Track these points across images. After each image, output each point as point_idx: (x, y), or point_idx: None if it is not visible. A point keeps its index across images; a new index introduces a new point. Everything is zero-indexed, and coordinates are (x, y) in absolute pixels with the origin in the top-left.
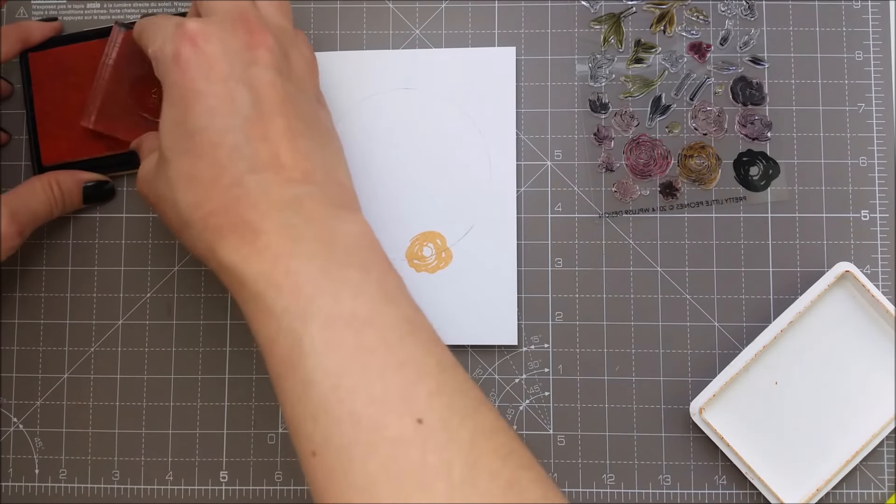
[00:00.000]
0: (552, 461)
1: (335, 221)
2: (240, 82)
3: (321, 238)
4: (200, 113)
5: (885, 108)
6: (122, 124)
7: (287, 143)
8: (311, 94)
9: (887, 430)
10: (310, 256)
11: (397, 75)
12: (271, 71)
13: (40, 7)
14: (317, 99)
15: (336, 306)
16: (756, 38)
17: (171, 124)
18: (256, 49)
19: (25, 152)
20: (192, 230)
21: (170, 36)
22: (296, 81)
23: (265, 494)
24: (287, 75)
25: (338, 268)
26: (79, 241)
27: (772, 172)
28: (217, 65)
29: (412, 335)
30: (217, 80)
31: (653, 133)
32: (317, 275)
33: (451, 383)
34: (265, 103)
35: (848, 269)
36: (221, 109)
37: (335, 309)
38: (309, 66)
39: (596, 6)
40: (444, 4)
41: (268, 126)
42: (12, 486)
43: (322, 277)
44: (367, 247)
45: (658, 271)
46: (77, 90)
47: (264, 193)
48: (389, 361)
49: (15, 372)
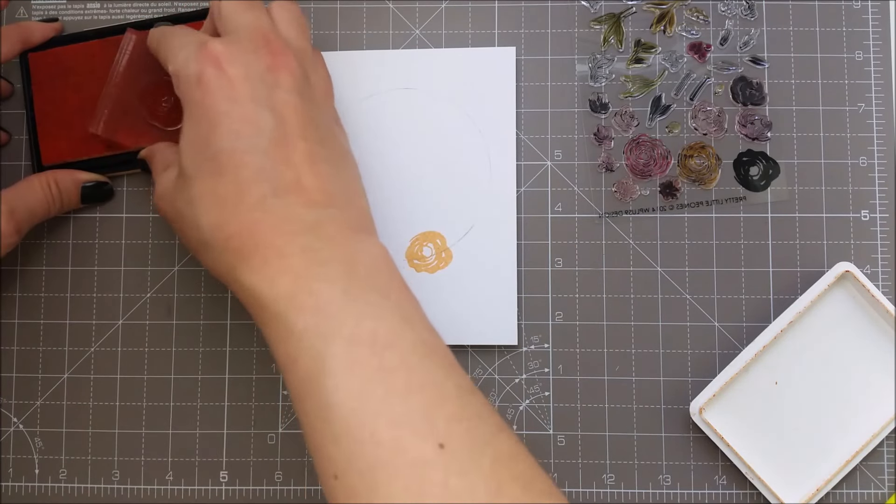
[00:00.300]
0: (552, 461)
1: (356, 245)
2: (263, 105)
3: (343, 261)
4: (224, 134)
5: (885, 108)
6: (130, 132)
7: (309, 167)
8: (330, 116)
9: (887, 430)
10: (332, 279)
11: (397, 75)
12: (294, 94)
13: (40, 7)
14: (335, 121)
15: (357, 328)
16: (756, 38)
17: (194, 143)
18: (279, 71)
19: (25, 152)
20: (213, 251)
21: (193, 55)
22: (316, 104)
23: (265, 494)
24: (308, 98)
25: (359, 290)
26: (79, 241)
27: (772, 172)
28: (240, 87)
29: (431, 358)
30: (241, 103)
31: (653, 133)
32: (339, 296)
33: (471, 408)
34: (288, 126)
35: (848, 269)
36: (245, 131)
37: (357, 330)
38: (328, 88)
39: (596, 6)
40: (444, 4)
41: (291, 150)
42: (12, 486)
43: (344, 299)
44: (385, 270)
45: (658, 271)
46: (77, 90)
47: (287, 216)
48: (411, 384)
49: (15, 372)
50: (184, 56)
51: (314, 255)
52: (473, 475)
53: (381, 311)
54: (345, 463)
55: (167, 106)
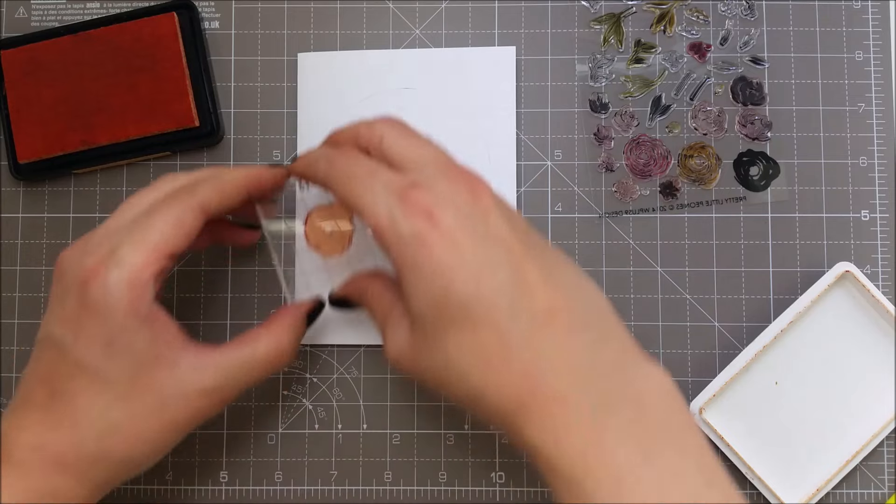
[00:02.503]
0: None
1: (640, 375)
2: (485, 239)
3: (632, 402)
4: (463, 284)
5: (885, 108)
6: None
7: (552, 289)
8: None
9: (887, 430)
10: (624, 430)
11: (397, 75)
12: (503, 216)
13: (40, 7)
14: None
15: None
16: (756, 38)
17: (432, 303)
18: (480, 199)
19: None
20: (487, 403)
21: (398, 211)
22: (515, 214)
23: (265, 494)
24: (508, 212)
25: (655, 442)
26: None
27: (772, 172)
28: (460, 233)
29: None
30: (467, 248)
31: (653, 133)
32: (635, 458)
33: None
34: (515, 252)
35: (848, 269)
36: (483, 274)
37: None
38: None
39: (596, 6)
40: (444, 4)
41: (528, 275)
42: None
43: (642, 462)
44: (675, 405)
45: (658, 271)
46: (50, 86)
47: (554, 350)
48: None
49: (15, 372)
50: (384, 210)
51: (597, 396)
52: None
53: (682, 473)
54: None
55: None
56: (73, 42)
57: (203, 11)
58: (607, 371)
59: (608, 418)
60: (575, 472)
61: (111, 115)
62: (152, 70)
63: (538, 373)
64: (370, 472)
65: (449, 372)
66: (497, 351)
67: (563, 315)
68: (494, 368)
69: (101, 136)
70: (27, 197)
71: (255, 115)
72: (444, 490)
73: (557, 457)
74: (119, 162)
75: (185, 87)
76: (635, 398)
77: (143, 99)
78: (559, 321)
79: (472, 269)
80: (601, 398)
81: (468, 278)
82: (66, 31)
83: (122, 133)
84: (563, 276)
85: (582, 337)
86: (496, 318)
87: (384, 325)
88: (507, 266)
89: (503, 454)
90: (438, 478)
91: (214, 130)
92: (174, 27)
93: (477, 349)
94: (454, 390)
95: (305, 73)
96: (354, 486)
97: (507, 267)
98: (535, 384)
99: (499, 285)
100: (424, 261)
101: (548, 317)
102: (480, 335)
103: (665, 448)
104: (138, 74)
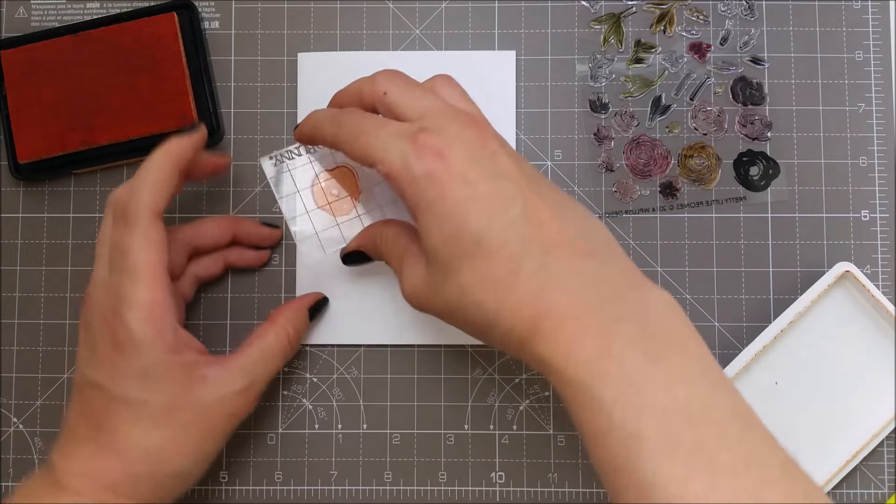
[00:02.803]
0: (552, 461)
1: (641, 291)
2: (495, 177)
3: (635, 313)
4: (477, 219)
5: (885, 108)
6: None
7: (559, 222)
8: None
9: (887, 430)
10: (630, 338)
11: None
12: (509, 157)
13: (40, 7)
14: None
15: (668, 398)
16: (756, 38)
17: (448, 238)
18: (487, 140)
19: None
20: (500, 328)
21: (411, 154)
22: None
23: (265, 494)
24: (515, 155)
25: (660, 348)
26: (79, 241)
27: (772, 172)
28: (470, 170)
29: (750, 431)
30: (477, 184)
31: (653, 133)
32: (642, 361)
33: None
34: (522, 188)
35: (848, 269)
36: (494, 209)
37: (668, 401)
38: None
39: (596, 6)
40: (444, 4)
41: (537, 208)
42: (12, 486)
43: (648, 364)
44: (678, 319)
45: (658, 271)
46: (50, 86)
47: (565, 274)
48: (735, 464)
49: (15, 372)
50: (397, 156)
51: (607, 311)
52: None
53: (688, 375)
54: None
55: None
56: (74, 42)
57: (203, 11)
58: (614, 291)
59: (615, 329)
60: (583, 378)
61: (111, 115)
62: (152, 70)
63: (550, 294)
64: (370, 472)
65: (465, 300)
66: (510, 278)
67: (572, 244)
68: (508, 293)
69: (101, 136)
70: (27, 197)
71: (255, 116)
72: (444, 490)
73: (567, 367)
74: (119, 162)
75: (185, 87)
76: (640, 313)
77: (144, 99)
78: (568, 249)
79: (484, 205)
80: (609, 313)
81: (481, 213)
82: (66, 31)
83: (122, 133)
84: (569, 210)
85: (589, 262)
86: (509, 249)
87: (400, 267)
88: (517, 201)
89: (503, 454)
90: (438, 478)
91: (214, 130)
92: (174, 27)
93: (491, 277)
94: (470, 319)
95: (306, 74)
96: (354, 486)
97: (518, 202)
98: (547, 305)
99: (510, 219)
100: (438, 198)
101: (557, 246)
102: (494, 264)
103: (671, 353)
104: (138, 74)
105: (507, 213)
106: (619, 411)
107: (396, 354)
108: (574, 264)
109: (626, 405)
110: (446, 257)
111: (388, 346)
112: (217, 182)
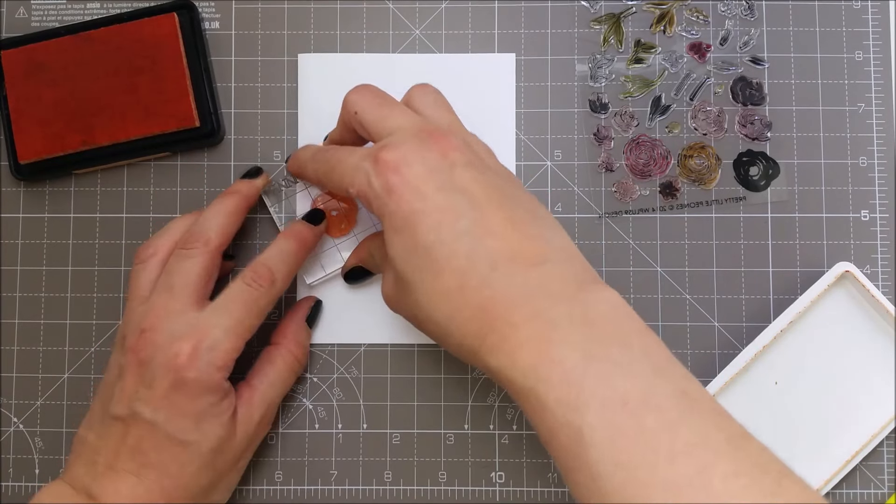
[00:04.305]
0: (552, 461)
1: (584, 295)
2: (450, 190)
3: (576, 317)
4: (428, 230)
5: (885, 108)
6: None
7: (513, 232)
8: (503, 173)
9: (887, 430)
10: (570, 341)
11: (397, 80)
12: (469, 168)
13: (40, 7)
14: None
15: (608, 390)
16: (756, 38)
17: (402, 249)
18: (448, 153)
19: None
20: (453, 339)
21: (371, 171)
22: (489, 167)
23: (265, 494)
24: (480, 166)
25: (600, 347)
26: (79, 241)
27: (772, 172)
28: (424, 183)
29: (694, 411)
30: (430, 196)
31: (653, 133)
32: (580, 359)
33: (748, 460)
34: (478, 200)
35: (848, 269)
36: (445, 220)
37: (608, 393)
38: (487, 148)
39: (596, 6)
40: (444, 5)
41: (490, 220)
42: (12, 486)
43: (586, 361)
44: (622, 316)
45: (658, 271)
46: (51, 86)
47: (510, 285)
48: (676, 445)
49: (15, 372)
50: (362, 176)
51: (545, 317)
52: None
53: (628, 366)
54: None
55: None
56: (74, 42)
57: (203, 12)
58: (559, 296)
59: (553, 332)
60: (530, 384)
61: (111, 115)
62: (152, 70)
63: (494, 307)
64: (370, 472)
65: (420, 314)
66: (457, 292)
67: (523, 256)
68: (456, 308)
69: (102, 136)
70: (27, 197)
71: (255, 116)
72: (444, 490)
73: (515, 375)
74: (119, 162)
75: (185, 87)
76: (580, 314)
77: (144, 99)
78: (518, 260)
79: (435, 217)
80: (551, 319)
81: (429, 226)
82: (67, 32)
83: (122, 133)
84: (530, 221)
85: (538, 270)
86: (456, 265)
87: (383, 273)
88: (469, 213)
89: (503, 454)
90: (438, 478)
91: (215, 131)
92: (174, 27)
93: (441, 291)
94: (427, 330)
95: (306, 75)
96: (354, 485)
97: (470, 214)
98: (492, 318)
99: (459, 232)
100: (395, 211)
101: (505, 257)
102: (443, 278)
103: (608, 345)
104: (138, 75)
105: (457, 225)
106: (561, 410)
107: (396, 354)
108: (522, 275)
109: (567, 403)
110: (402, 270)
111: (388, 346)
112: (217, 182)
